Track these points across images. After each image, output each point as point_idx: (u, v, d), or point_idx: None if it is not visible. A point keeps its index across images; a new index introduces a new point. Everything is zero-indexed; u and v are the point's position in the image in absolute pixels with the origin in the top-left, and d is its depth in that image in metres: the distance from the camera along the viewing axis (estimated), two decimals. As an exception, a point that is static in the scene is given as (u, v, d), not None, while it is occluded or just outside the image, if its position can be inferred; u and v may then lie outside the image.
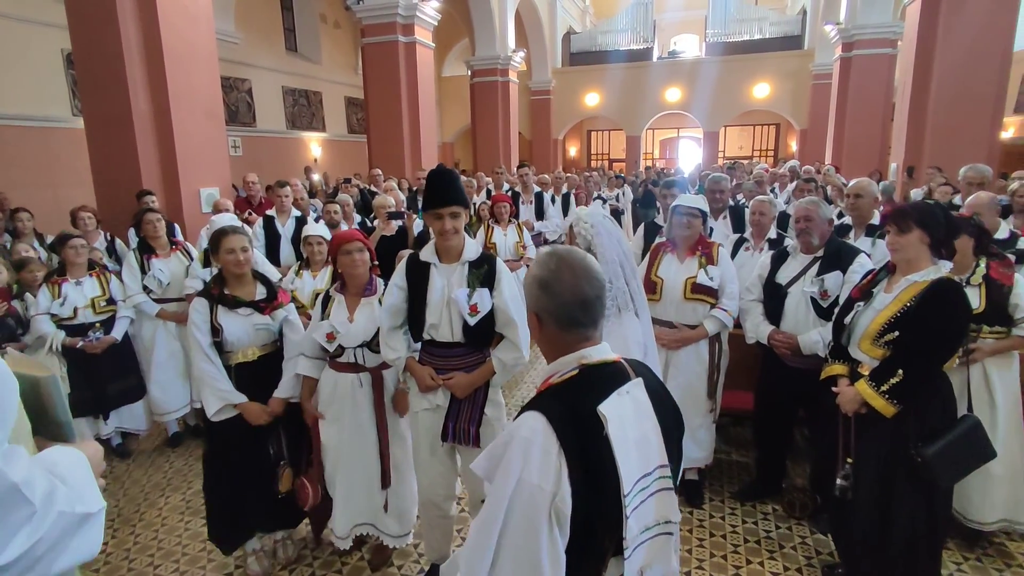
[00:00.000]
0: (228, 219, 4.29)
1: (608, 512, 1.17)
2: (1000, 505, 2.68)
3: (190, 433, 4.33)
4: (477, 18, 13.61)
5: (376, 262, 2.97)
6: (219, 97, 5.99)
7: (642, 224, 4.16)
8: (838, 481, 2.35)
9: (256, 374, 2.66)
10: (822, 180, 7.44)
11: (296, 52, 14.69)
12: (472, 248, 2.38)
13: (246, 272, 2.68)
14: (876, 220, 3.64)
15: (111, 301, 3.84)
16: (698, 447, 3.15)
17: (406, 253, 4.11)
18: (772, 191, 7.15)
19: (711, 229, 3.70)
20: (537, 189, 6.83)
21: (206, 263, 4.13)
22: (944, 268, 2.17)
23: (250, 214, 5.97)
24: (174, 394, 4.11)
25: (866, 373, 2.29)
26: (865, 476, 2.26)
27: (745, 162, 17.10)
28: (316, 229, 3.79)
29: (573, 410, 1.17)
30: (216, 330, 2.57)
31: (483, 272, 2.33)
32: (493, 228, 5.41)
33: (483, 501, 1.21)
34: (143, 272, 4.02)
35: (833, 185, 6.05)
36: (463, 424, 2.35)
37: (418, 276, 2.38)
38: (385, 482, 2.68)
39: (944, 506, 2.27)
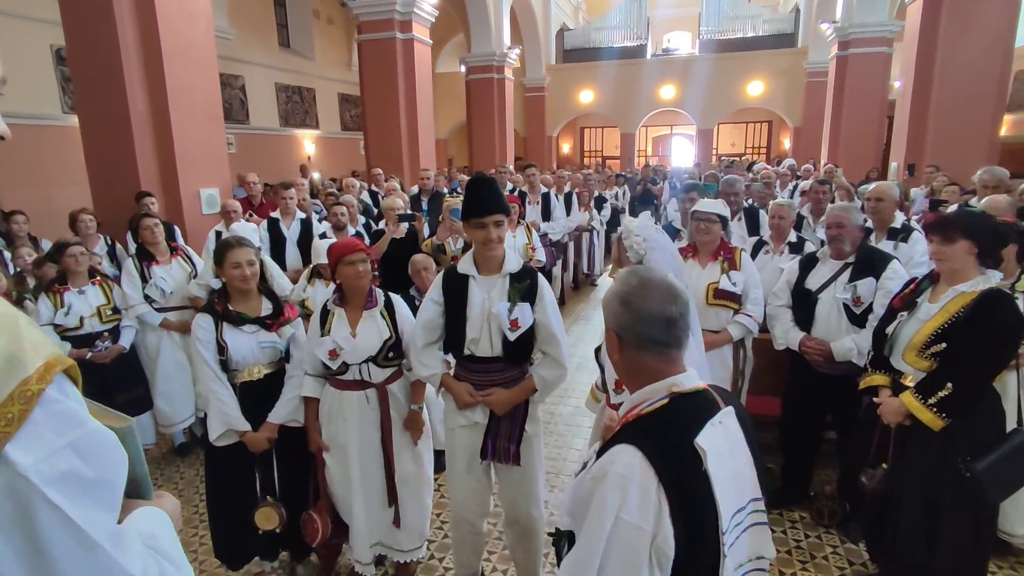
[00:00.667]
0: (248, 229, 4.19)
1: (705, 550, 1.11)
2: None
3: (197, 442, 4.23)
4: (473, 15, 13.47)
5: (376, 272, 2.87)
6: (218, 97, 5.84)
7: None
8: (862, 478, 2.33)
9: (262, 394, 2.53)
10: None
11: (289, 48, 14.47)
12: (513, 260, 2.30)
13: (252, 287, 2.55)
14: (897, 223, 3.61)
15: (117, 309, 3.72)
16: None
17: (419, 257, 4.04)
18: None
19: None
20: (544, 190, 6.76)
21: (219, 268, 4.02)
22: (994, 278, 2.13)
23: (250, 215, 5.86)
24: (181, 405, 4.00)
25: (909, 384, 2.25)
26: (909, 490, 2.22)
27: (736, 159, 17.19)
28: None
29: (670, 444, 1.11)
30: (222, 348, 2.44)
31: (525, 286, 2.24)
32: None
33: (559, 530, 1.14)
34: (143, 280, 3.90)
35: (840, 186, 6.01)
36: (503, 442, 2.28)
37: (456, 290, 2.29)
38: (391, 498, 2.59)
39: (990, 521, 2.24)
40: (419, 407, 2.62)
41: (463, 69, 14.73)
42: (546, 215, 6.59)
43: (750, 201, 5.34)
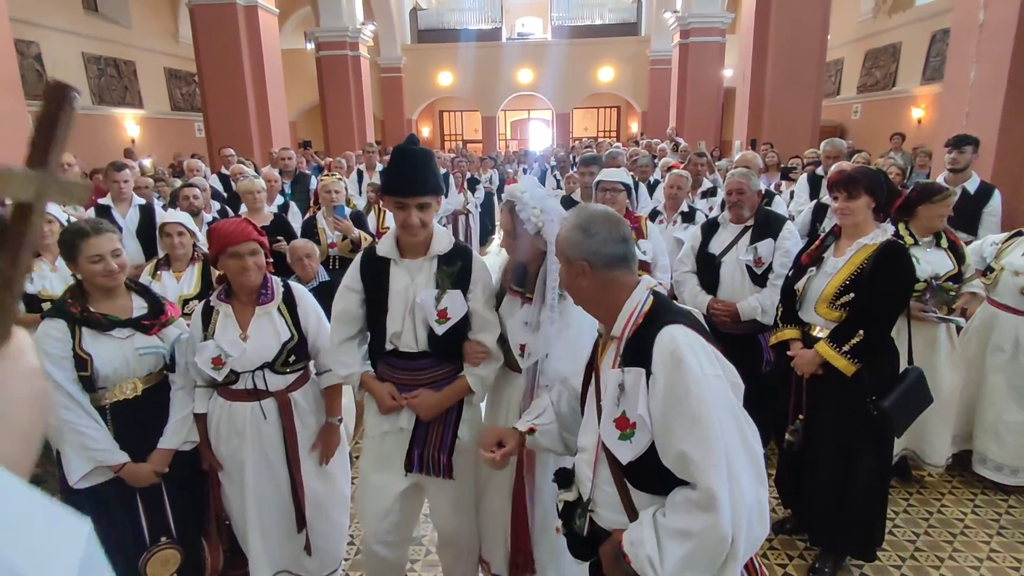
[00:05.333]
0: (52, 208, 3.41)
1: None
2: (902, 438, 2.98)
3: None
4: (320, -15, 12.52)
5: (271, 259, 2.45)
6: (12, 58, 4.76)
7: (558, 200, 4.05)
8: (787, 436, 2.45)
9: (139, 415, 2.03)
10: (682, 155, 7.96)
11: (97, 12, 12.36)
12: (443, 240, 1.98)
13: (120, 284, 2.04)
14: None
15: None
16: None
17: (300, 243, 3.58)
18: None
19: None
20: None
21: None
22: (889, 231, 2.30)
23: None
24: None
25: (818, 335, 2.37)
26: (824, 435, 2.35)
27: (595, 140, 17.99)
28: (175, 215, 3.12)
29: (685, 315, 1.34)
30: (83, 361, 1.92)
31: (456, 270, 1.94)
32: (384, 212, 4.95)
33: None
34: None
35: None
36: (431, 451, 1.97)
37: (376, 275, 1.96)
38: (300, 524, 2.22)
39: (889, 454, 2.44)
40: (338, 420, 2.25)
41: (310, 45, 13.64)
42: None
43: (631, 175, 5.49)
